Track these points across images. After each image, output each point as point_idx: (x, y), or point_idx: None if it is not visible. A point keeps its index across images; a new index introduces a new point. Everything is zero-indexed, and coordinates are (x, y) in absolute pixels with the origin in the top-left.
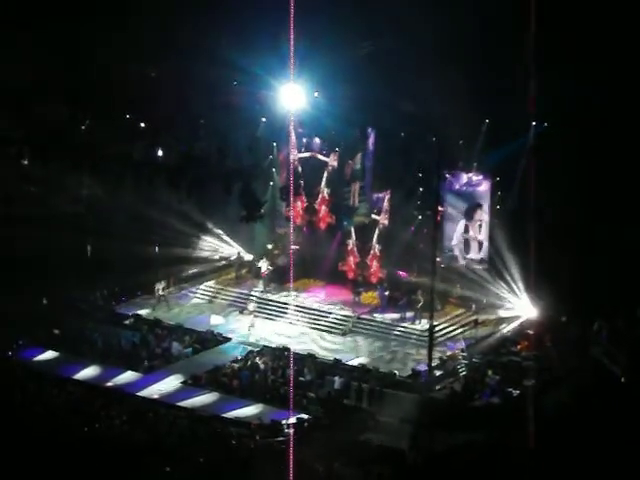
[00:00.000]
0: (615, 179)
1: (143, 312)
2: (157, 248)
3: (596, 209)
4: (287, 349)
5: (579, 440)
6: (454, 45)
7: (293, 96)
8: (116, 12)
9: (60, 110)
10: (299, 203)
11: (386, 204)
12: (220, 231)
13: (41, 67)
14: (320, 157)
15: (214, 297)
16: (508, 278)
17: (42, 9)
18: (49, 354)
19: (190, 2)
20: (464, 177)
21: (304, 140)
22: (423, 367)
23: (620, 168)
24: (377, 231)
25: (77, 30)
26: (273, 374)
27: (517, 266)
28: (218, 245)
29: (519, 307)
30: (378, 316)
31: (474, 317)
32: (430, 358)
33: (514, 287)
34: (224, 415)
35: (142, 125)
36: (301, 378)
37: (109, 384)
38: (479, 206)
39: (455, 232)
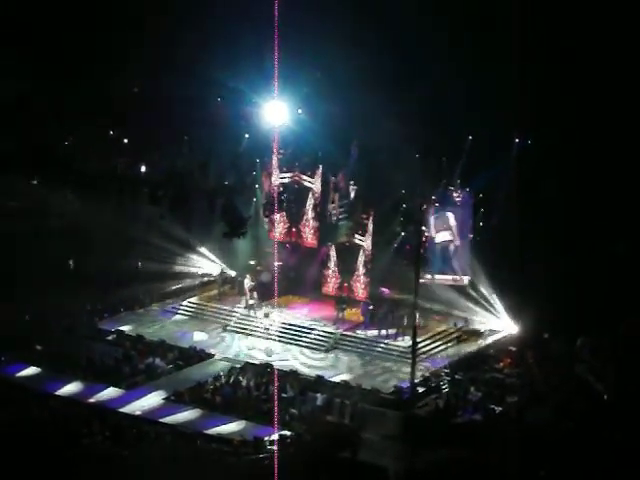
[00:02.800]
0: (599, 194)
1: (126, 328)
2: (140, 265)
3: (580, 225)
4: (270, 366)
5: (561, 457)
6: (437, 62)
7: (277, 113)
8: (101, 29)
9: (44, 125)
10: (281, 224)
11: (370, 226)
12: (203, 247)
13: (26, 83)
14: (303, 178)
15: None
16: (491, 294)
17: (28, 25)
18: (31, 370)
19: (175, 19)
20: (447, 194)
21: (287, 160)
22: (405, 384)
23: (604, 183)
24: (361, 253)
25: (62, 46)
26: (256, 390)
27: (500, 283)
28: (201, 261)
29: (502, 324)
30: (361, 333)
31: (457, 334)
32: (413, 375)
33: (496, 304)
34: (206, 432)
35: (125, 141)
36: (283, 394)
37: (91, 400)
38: (459, 223)
39: (438, 249)
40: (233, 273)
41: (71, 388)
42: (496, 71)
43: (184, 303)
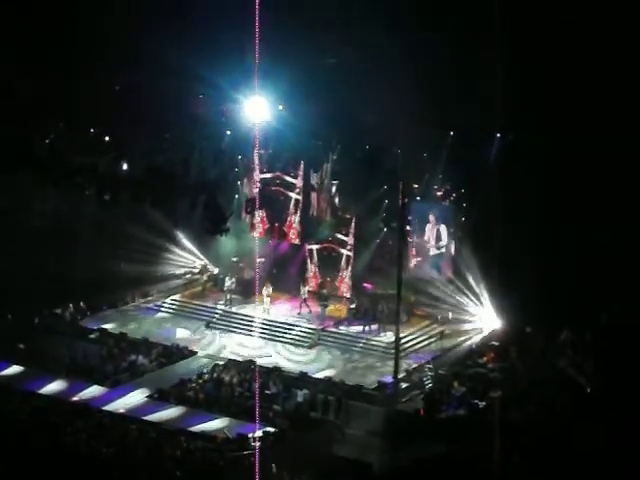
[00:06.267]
0: (581, 188)
1: (109, 326)
2: (123, 264)
3: (561, 219)
4: (253, 362)
5: (545, 451)
6: (417, 57)
7: (258, 109)
8: (82, 24)
9: (25, 123)
10: (263, 222)
11: (352, 223)
12: (186, 244)
13: (4, 78)
14: (285, 179)
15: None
16: (473, 289)
17: (6, 18)
18: (14, 369)
19: (156, 15)
20: (429, 189)
21: (269, 157)
22: (389, 379)
23: (585, 176)
24: (344, 250)
25: (42, 42)
26: (239, 387)
27: (482, 277)
28: (184, 258)
29: (485, 318)
30: (344, 328)
31: (440, 329)
32: (396, 370)
33: (479, 298)
34: (190, 429)
35: (107, 138)
36: (267, 391)
37: (75, 398)
38: (442, 218)
39: (420, 244)
40: (216, 270)
41: (54, 387)
42: (478, 65)
43: (167, 300)
